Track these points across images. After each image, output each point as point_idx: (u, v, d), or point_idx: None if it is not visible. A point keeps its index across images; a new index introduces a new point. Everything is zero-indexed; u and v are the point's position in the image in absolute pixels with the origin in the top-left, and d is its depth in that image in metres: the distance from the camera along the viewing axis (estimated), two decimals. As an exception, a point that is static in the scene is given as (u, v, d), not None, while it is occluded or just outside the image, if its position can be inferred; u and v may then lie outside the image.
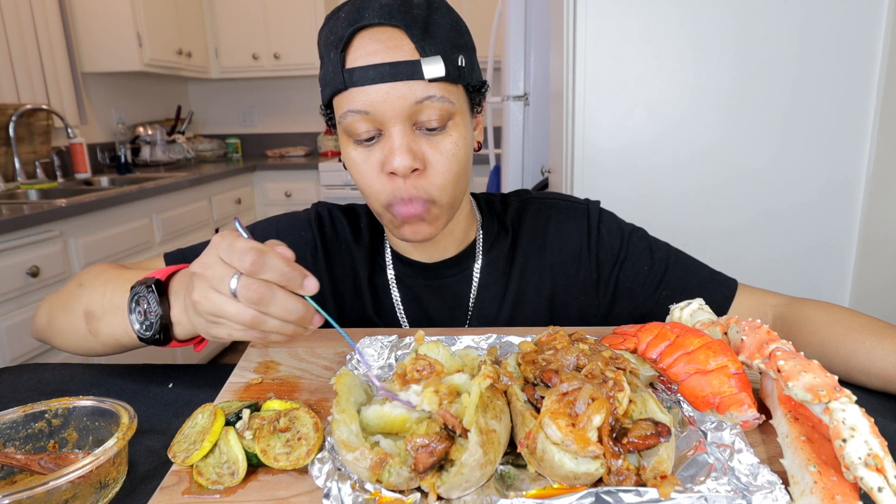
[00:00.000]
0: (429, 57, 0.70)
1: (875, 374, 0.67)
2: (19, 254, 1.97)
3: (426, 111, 0.71)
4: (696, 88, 1.80)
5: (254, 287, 0.52)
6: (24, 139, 2.80)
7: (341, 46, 0.71)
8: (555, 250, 0.91)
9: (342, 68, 0.71)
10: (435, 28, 0.71)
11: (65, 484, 0.47)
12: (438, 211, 0.77)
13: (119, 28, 3.17)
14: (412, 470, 0.45)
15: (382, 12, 0.70)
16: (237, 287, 0.52)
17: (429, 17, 0.71)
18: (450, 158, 0.74)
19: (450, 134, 0.74)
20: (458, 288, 0.91)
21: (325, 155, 4.24)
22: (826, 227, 1.83)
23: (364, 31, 0.71)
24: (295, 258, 0.55)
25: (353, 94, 0.71)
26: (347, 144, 0.76)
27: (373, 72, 0.69)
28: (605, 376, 0.50)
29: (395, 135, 0.72)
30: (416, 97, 0.70)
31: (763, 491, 0.44)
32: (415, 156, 0.72)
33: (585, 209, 0.93)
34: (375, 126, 0.72)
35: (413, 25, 0.70)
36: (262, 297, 0.52)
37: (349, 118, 0.72)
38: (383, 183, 0.75)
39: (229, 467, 0.51)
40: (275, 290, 0.53)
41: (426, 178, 0.74)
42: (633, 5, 1.75)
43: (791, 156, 1.80)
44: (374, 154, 0.74)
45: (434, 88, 0.71)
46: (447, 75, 0.71)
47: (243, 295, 0.52)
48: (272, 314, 0.53)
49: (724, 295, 0.87)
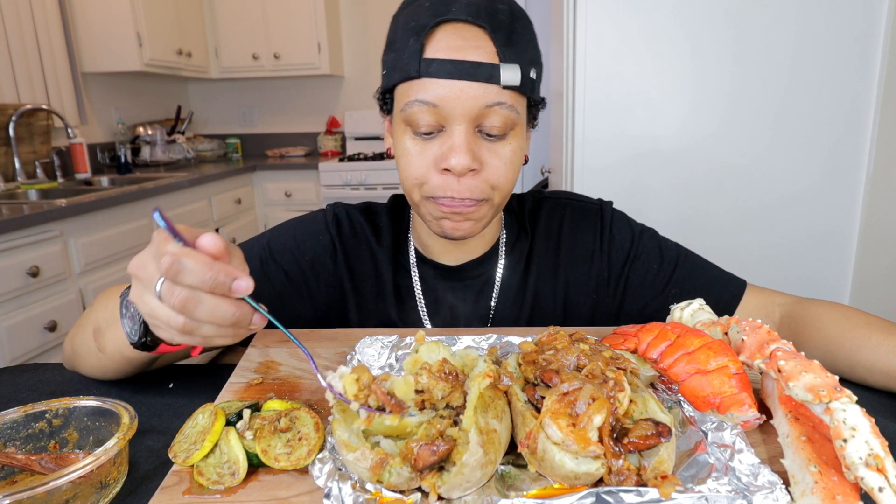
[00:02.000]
0: (509, 64, 0.70)
1: (879, 370, 0.67)
2: (19, 254, 1.97)
3: (493, 116, 0.71)
4: (696, 88, 1.80)
5: (175, 293, 0.48)
6: (24, 139, 2.80)
7: (424, 34, 0.70)
8: (568, 249, 0.92)
9: (420, 56, 0.70)
10: (517, 37, 0.71)
11: (65, 484, 0.47)
12: (486, 210, 0.78)
13: (119, 28, 3.17)
14: (413, 470, 0.45)
15: (470, 10, 0.70)
16: (160, 292, 0.49)
17: (512, 24, 0.72)
18: (506, 164, 0.75)
19: (509, 142, 0.75)
20: (482, 289, 0.91)
21: (325, 155, 4.23)
22: (827, 218, 1.84)
23: (448, 25, 0.70)
24: (223, 247, 0.50)
25: (425, 84, 0.70)
26: (403, 133, 0.75)
27: (451, 66, 0.69)
28: (606, 376, 0.50)
29: (458, 133, 0.71)
30: (487, 100, 0.70)
31: (764, 491, 0.44)
32: (474, 156, 0.72)
33: (598, 209, 0.94)
34: (439, 121, 0.72)
35: (498, 29, 0.70)
36: (184, 303, 0.48)
37: (415, 107, 0.71)
38: (436, 178, 0.74)
39: (230, 467, 0.51)
40: (200, 295, 0.48)
41: (480, 178, 0.74)
42: (633, 6, 1.75)
43: (791, 151, 1.80)
44: (432, 148, 0.74)
45: (506, 96, 0.71)
46: (521, 85, 0.71)
47: (167, 301, 0.49)
48: (201, 320, 0.50)
49: (732, 294, 0.88)
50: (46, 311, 2.08)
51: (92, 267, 2.34)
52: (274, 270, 0.88)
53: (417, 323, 0.91)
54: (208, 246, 0.49)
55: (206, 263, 0.48)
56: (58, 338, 2.12)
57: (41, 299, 2.07)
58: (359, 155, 3.98)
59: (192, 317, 0.49)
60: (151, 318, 0.51)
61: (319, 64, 3.97)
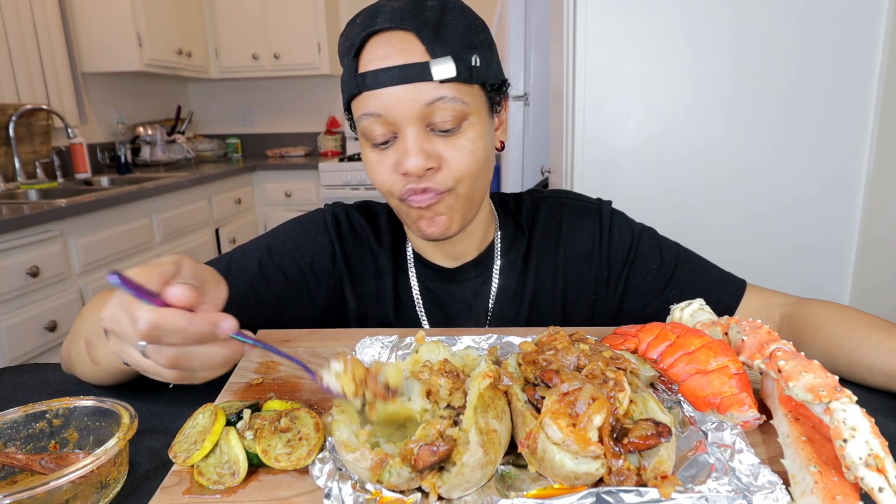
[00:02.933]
0: (438, 58, 0.70)
1: (879, 370, 0.67)
2: (19, 254, 1.97)
3: (439, 112, 0.72)
4: (696, 88, 1.80)
5: (164, 353, 0.46)
6: (24, 139, 2.80)
7: (353, 51, 0.72)
8: (567, 249, 0.92)
9: (355, 73, 0.72)
10: (447, 29, 0.71)
11: (66, 484, 0.47)
12: (454, 200, 0.77)
13: (119, 28, 3.17)
14: (413, 470, 0.45)
15: (394, 16, 0.71)
16: (148, 353, 0.47)
17: (441, 18, 0.72)
18: (466, 154, 0.74)
19: (465, 133, 0.74)
20: (479, 290, 0.91)
21: (325, 155, 4.23)
22: (827, 223, 1.83)
23: (376, 36, 0.72)
24: (193, 297, 0.47)
25: (366, 97, 0.72)
26: (365, 147, 0.78)
27: (383, 75, 0.70)
28: (606, 376, 0.50)
29: (409, 137, 0.72)
30: (426, 99, 0.71)
31: (764, 491, 0.44)
32: (428, 156, 0.72)
33: (598, 209, 0.94)
34: (390, 129, 0.73)
35: (424, 28, 0.70)
36: (175, 361, 0.47)
37: (364, 121, 0.74)
38: (398, 181, 0.75)
39: (230, 467, 0.51)
40: (189, 349, 0.47)
41: (441, 173, 0.75)
42: (633, 5, 1.75)
43: (791, 153, 1.80)
44: (389, 156, 0.75)
45: (445, 89, 0.71)
46: (458, 76, 0.71)
47: (156, 360, 0.47)
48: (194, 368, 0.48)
49: (732, 294, 0.88)
50: (46, 311, 2.08)
51: (92, 267, 2.34)
52: (273, 273, 0.88)
53: (415, 324, 0.91)
54: (179, 300, 0.46)
55: (185, 320, 0.46)
56: (58, 338, 2.12)
57: (41, 299, 2.07)
58: (359, 155, 3.98)
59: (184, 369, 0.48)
60: (139, 369, 0.49)
61: (319, 64, 3.97)
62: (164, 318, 0.45)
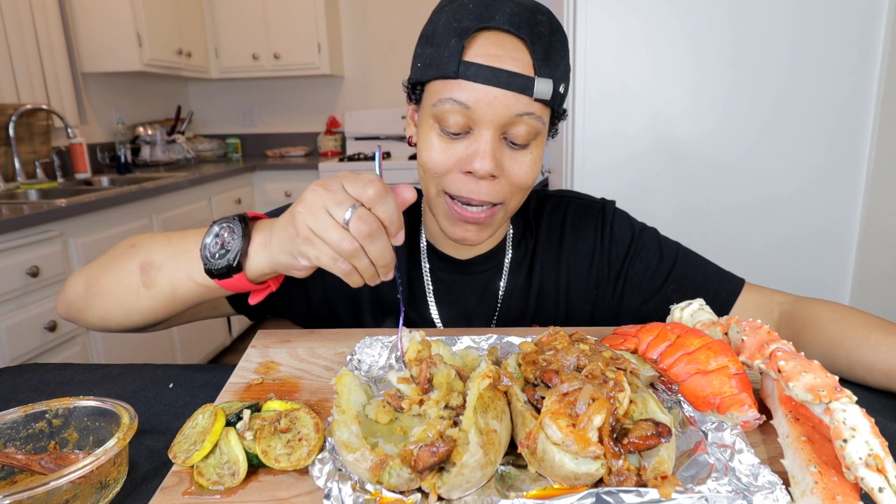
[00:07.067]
0: (543, 77, 0.72)
1: (878, 370, 0.67)
2: (19, 254, 1.97)
3: (520, 125, 0.73)
4: (696, 87, 1.80)
5: (369, 221, 0.54)
6: (24, 139, 2.80)
7: (466, 37, 0.72)
8: (570, 245, 0.94)
9: (460, 58, 0.72)
10: (553, 52, 0.73)
11: (65, 484, 0.47)
12: (501, 216, 0.80)
13: (119, 28, 3.16)
14: (413, 470, 0.45)
15: (513, 21, 0.71)
16: (351, 217, 0.54)
17: (551, 37, 0.74)
18: (526, 171, 0.77)
19: (530, 152, 0.77)
20: (490, 282, 0.93)
21: (325, 155, 4.23)
22: (827, 217, 1.84)
23: (490, 32, 0.72)
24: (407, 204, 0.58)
25: (461, 84, 0.72)
26: (430, 129, 0.77)
27: (489, 73, 0.71)
28: (606, 377, 0.50)
29: (485, 139, 0.73)
30: (518, 110, 0.72)
31: (764, 491, 0.44)
32: (497, 163, 0.74)
33: (601, 207, 0.96)
34: (468, 123, 0.74)
35: (537, 43, 0.72)
36: (372, 233, 0.54)
37: (448, 105, 0.73)
38: (456, 178, 0.76)
39: (230, 468, 0.51)
40: (381, 230, 0.55)
41: (499, 185, 0.76)
42: (633, 6, 1.75)
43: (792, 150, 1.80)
44: (457, 148, 0.75)
45: (535, 107, 0.73)
46: (551, 99, 0.74)
47: (355, 226, 0.54)
48: (370, 252, 0.56)
49: (729, 291, 0.89)
50: (46, 311, 2.08)
51: (92, 267, 2.34)
52: None
53: (426, 313, 0.92)
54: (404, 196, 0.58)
55: (397, 207, 0.56)
56: (57, 338, 2.12)
57: (41, 299, 2.07)
58: (359, 155, 3.98)
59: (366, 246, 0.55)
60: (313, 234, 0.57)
61: (319, 64, 3.97)
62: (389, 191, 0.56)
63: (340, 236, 0.55)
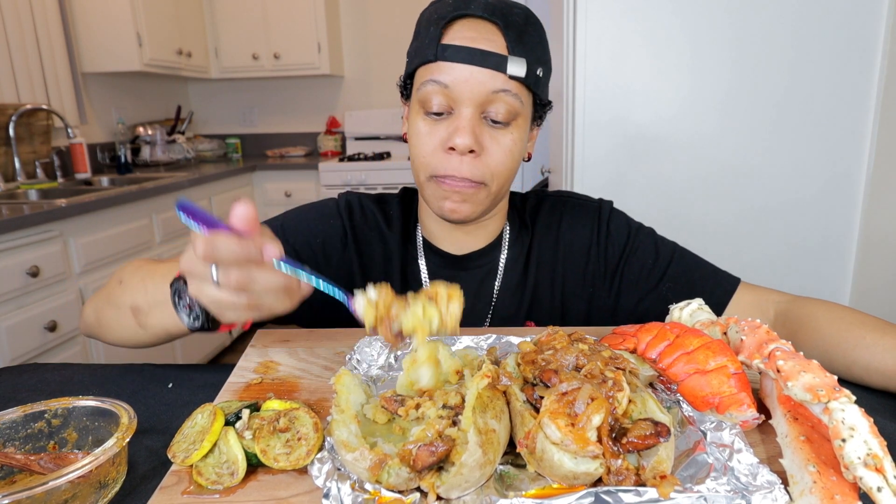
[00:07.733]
0: (516, 57, 0.76)
1: (875, 370, 0.67)
2: (19, 254, 1.97)
3: (497, 103, 0.77)
4: (696, 88, 1.80)
5: (231, 275, 0.52)
6: (24, 139, 2.80)
7: (442, 24, 0.78)
8: (566, 245, 0.95)
9: (437, 42, 0.77)
10: (527, 37, 0.78)
11: (64, 484, 0.47)
12: (484, 195, 0.82)
13: (119, 28, 3.17)
14: (411, 470, 0.45)
15: (487, 8, 0.77)
16: (217, 278, 0.52)
17: (524, 26, 0.78)
18: (506, 152, 0.80)
19: (511, 132, 0.80)
20: (485, 279, 0.94)
21: (325, 155, 4.23)
22: (827, 223, 1.83)
23: (466, 19, 0.78)
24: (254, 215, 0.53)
25: (440, 66, 0.77)
26: (417, 115, 0.81)
27: (464, 52, 0.76)
28: (605, 376, 0.50)
29: (464, 115, 0.77)
30: (493, 86, 0.76)
31: (762, 491, 0.44)
32: (476, 138, 0.77)
33: (598, 207, 0.98)
34: (449, 103, 0.78)
35: (510, 27, 0.77)
36: (240, 281, 0.52)
37: (429, 87, 0.78)
38: (440, 157, 0.79)
39: (229, 467, 0.51)
40: (251, 269, 0.52)
41: (481, 162, 0.79)
42: (633, 6, 1.75)
43: (791, 153, 1.80)
44: (439, 129, 0.79)
45: (511, 85, 0.77)
46: (526, 77, 0.77)
47: (225, 284, 0.52)
48: (260, 291, 0.54)
49: (725, 290, 0.89)
50: (46, 311, 2.08)
51: (92, 267, 2.34)
52: (286, 250, 0.91)
53: None
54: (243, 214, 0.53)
55: (235, 240, 0.52)
56: (57, 338, 2.12)
57: (41, 299, 2.07)
58: (359, 155, 3.98)
59: (251, 291, 0.53)
60: (217, 307, 0.55)
61: (319, 64, 3.97)
62: (217, 238, 0.51)
63: (230, 297, 0.53)
